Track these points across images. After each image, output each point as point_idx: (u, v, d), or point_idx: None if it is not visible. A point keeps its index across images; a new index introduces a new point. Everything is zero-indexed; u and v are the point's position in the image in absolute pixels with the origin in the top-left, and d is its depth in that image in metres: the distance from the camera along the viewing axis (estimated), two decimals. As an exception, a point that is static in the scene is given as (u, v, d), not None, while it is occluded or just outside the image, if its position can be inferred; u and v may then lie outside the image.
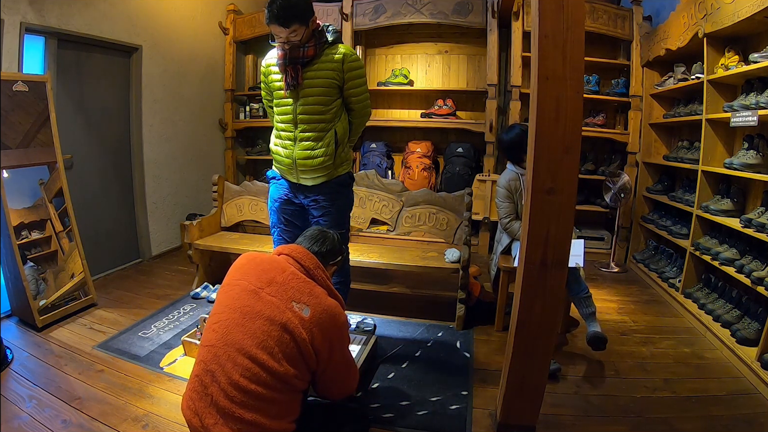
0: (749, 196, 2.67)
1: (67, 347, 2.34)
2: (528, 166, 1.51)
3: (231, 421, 1.28)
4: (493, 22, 4.01)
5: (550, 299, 1.57)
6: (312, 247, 1.59)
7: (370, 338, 2.28)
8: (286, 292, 1.40)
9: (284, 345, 1.33)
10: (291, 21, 1.72)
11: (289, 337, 1.34)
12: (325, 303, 1.43)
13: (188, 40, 4.18)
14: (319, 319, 1.38)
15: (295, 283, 1.43)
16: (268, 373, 1.30)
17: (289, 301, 1.38)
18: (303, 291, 1.42)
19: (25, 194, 2.54)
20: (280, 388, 1.33)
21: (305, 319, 1.37)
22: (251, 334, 1.33)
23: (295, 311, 1.37)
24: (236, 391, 1.28)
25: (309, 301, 1.40)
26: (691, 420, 1.87)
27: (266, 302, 1.38)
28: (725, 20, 2.54)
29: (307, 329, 1.36)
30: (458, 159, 4.33)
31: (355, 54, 1.90)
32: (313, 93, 1.86)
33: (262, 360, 1.30)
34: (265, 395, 1.30)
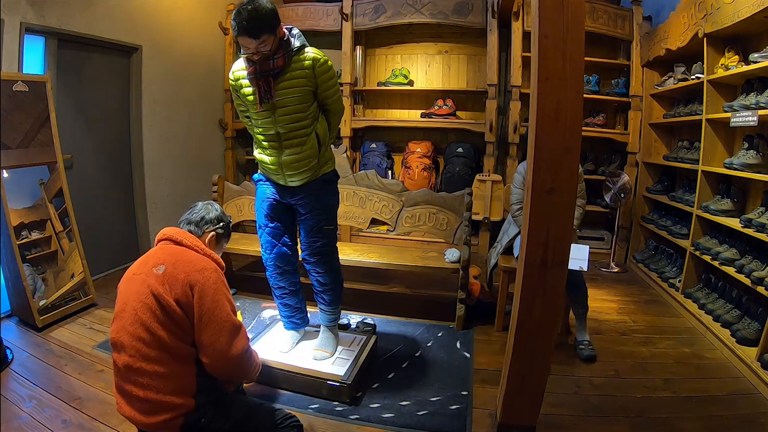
0: (749, 196, 2.67)
1: (67, 347, 2.34)
2: (528, 166, 1.51)
3: (131, 400, 1.32)
4: (493, 22, 4.01)
5: (550, 299, 1.57)
6: (182, 221, 1.60)
7: (370, 338, 2.28)
8: (149, 263, 1.42)
9: (152, 311, 1.33)
10: (260, 32, 1.68)
11: (153, 301, 1.33)
12: (184, 256, 1.43)
13: (188, 40, 4.18)
14: (174, 270, 1.37)
15: (159, 254, 1.45)
16: (148, 346, 1.31)
17: (150, 270, 1.39)
18: (164, 255, 1.43)
19: (25, 194, 2.54)
20: (164, 359, 1.32)
21: (160, 275, 1.36)
22: (129, 316, 1.34)
23: (153, 273, 1.37)
24: (128, 372, 1.32)
25: (165, 260, 1.41)
26: (691, 420, 1.87)
27: (135, 281, 1.40)
28: (725, 20, 2.54)
29: (163, 284, 1.35)
30: (458, 159, 4.33)
31: (323, 56, 1.86)
32: (289, 102, 1.84)
33: (139, 334, 1.32)
34: (150, 370, 1.31)
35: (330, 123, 2.01)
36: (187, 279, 1.36)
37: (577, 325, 2.45)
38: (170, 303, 1.33)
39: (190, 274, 1.37)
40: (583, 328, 2.43)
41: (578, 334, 2.42)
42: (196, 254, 1.46)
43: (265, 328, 2.42)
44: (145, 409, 1.31)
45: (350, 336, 2.34)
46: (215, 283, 1.40)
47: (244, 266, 3.64)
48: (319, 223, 2.03)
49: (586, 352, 2.34)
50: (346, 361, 2.05)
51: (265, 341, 2.25)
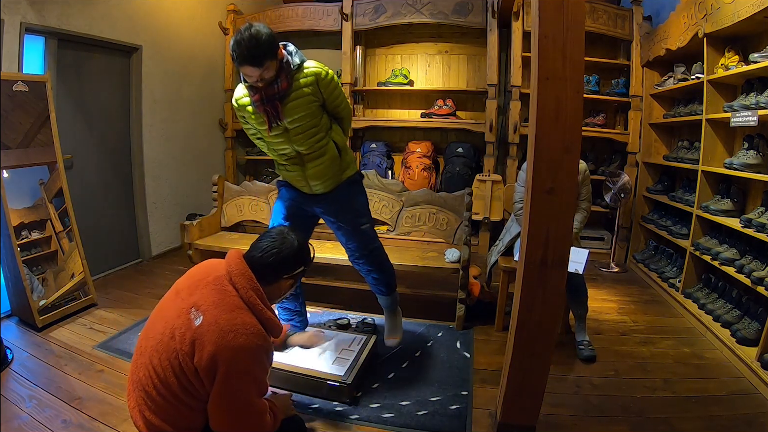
0: (749, 196, 2.67)
1: (67, 347, 2.34)
2: (528, 166, 1.51)
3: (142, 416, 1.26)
4: (493, 22, 4.01)
5: (550, 299, 1.57)
6: (255, 256, 1.32)
7: (370, 338, 2.28)
8: (192, 295, 1.23)
9: (171, 356, 1.19)
10: (263, 59, 1.65)
11: (174, 349, 1.19)
12: (228, 317, 1.19)
13: (188, 40, 4.18)
14: (208, 332, 1.16)
15: (209, 288, 1.24)
16: (160, 381, 1.22)
17: (189, 306, 1.21)
18: (210, 299, 1.22)
19: (25, 194, 2.54)
20: (172, 400, 1.22)
21: (193, 328, 1.18)
22: (153, 343, 1.24)
23: (188, 317, 1.19)
24: (141, 389, 1.25)
25: (208, 310, 1.19)
26: (691, 420, 1.87)
27: (175, 304, 1.24)
28: (725, 20, 2.54)
29: (190, 341, 1.17)
30: (458, 159, 4.33)
31: (323, 68, 1.83)
32: (300, 121, 1.82)
33: (154, 367, 1.22)
34: (160, 402, 1.22)
35: (343, 128, 2.01)
36: (215, 353, 1.17)
37: (577, 325, 2.45)
38: (190, 365, 1.18)
39: (221, 350, 1.17)
40: (582, 328, 2.43)
41: (578, 335, 2.43)
42: (245, 319, 1.22)
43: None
44: (150, 427, 1.26)
45: (350, 336, 2.34)
46: (247, 366, 1.21)
47: (244, 266, 3.64)
48: (355, 224, 2.03)
49: (585, 353, 2.34)
50: (346, 361, 2.05)
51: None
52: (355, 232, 2.02)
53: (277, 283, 1.32)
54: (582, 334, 2.42)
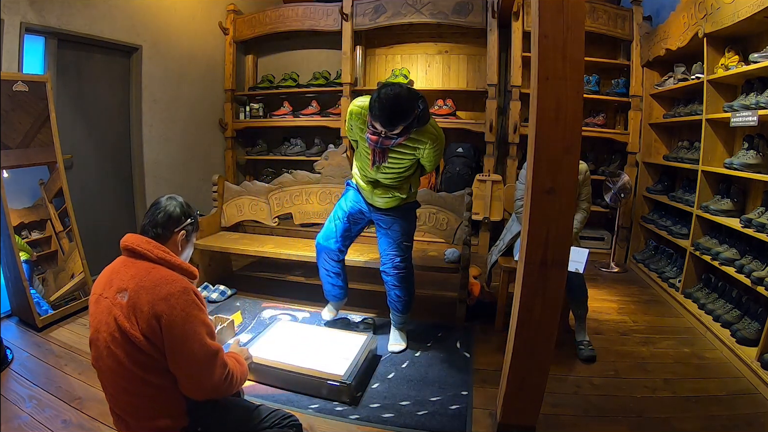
0: (749, 196, 2.67)
1: (67, 347, 2.34)
2: (528, 166, 1.51)
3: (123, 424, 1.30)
4: (493, 22, 4.01)
5: (550, 299, 1.57)
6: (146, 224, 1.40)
7: (370, 338, 2.28)
8: (113, 284, 1.28)
9: (123, 346, 1.22)
10: (396, 124, 1.79)
11: (120, 335, 1.22)
12: (148, 278, 1.26)
13: (188, 40, 4.18)
14: (137, 299, 1.22)
15: (122, 273, 1.29)
16: (127, 381, 1.24)
17: (115, 296, 1.26)
18: (126, 276, 1.27)
19: (25, 194, 2.54)
20: (144, 391, 1.25)
21: (124, 305, 1.23)
22: (103, 347, 1.26)
23: (117, 301, 1.24)
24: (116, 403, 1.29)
25: (128, 283, 1.25)
26: (691, 420, 1.87)
27: (102, 305, 1.28)
28: (725, 20, 2.54)
29: (128, 316, 1.21)
30: (458, 159, 4.33)
31: (440, 135, 2.00)
32: (395, 166, 2.03)
33: (114, 368, 1.24)
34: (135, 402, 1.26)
35: (423, 170, 2.22)
36: (152, 310, 1.22)
37: (577, 325, 2.45)
38: (138, 337, 1.21)
39: (155, 304, 1.22)
40: (582, 328, 2.43)
41: (578, 335, 2.43)
42: (161, 273, 1.29)
43: (265, 328, 2.42)
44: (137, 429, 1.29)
45: (350, 336, 2.34)
46: (183, 309, 1.25)
47: (244, 266, 3.64)
48: (400, 238, 2.23)
49: (585, 353, 2.34)
50: (346, 361, 2.05)
51: (265, 341, 2.24)
52: (397, 244, 2.23)
53: (173, 237, 1.40)
54: (582, 334, 2.42)
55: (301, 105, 4.77)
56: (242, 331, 2.57)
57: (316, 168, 3.07)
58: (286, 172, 3.63)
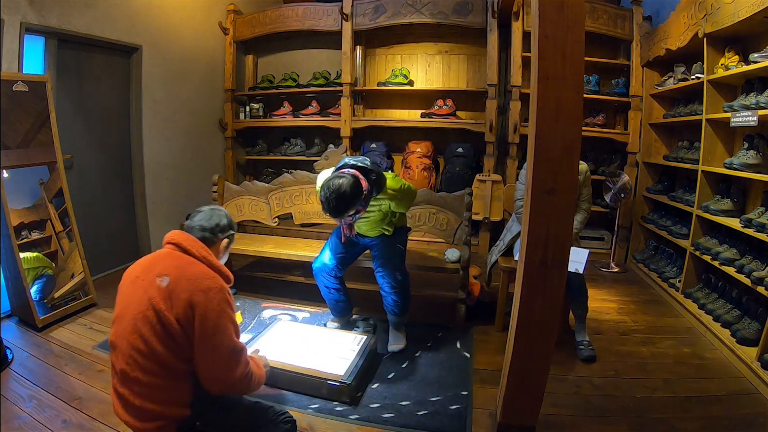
0: (749, 196, 2.67)
1: (67, 347, 2.34)
2: (528, 166, 1.51)
3: (126, 405, 1.32)
4: (493, 22, 4.01)
5: (550, 299, 1.57)
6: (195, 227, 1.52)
7: (370, 338, 2.28)
8: (154, 270, 1.37)
9: (151, 325, 1.29)
10: (345, 212, 1.97)
11: (153, 314, 1.30)
12: (190, 270, 1.36)
13: (188, 40, 4.18)
14: (177, 286, 1.32)
15: (166, 262, 1.39)
16: (144, 357, 1.29)
17: (154, 279, 1.34)
18: (169, 264, 1.38)
19: (25, 194, 2.54)
20: (159, 372, 1.30)
21: (163, 288, 1.32)
22: (128, 323, 1.32)
23: (155, 284, 1.33)
24: (124, 377, 1.31)
25: (171, 272, 1.34)
26: (691, 420, 1.87)
27: (138, 286, 1.36)
28: (725, 20, 2.54)
29: (165, 299, 1.30)
30: (458, 159, 4.33)
31: (398, 192, 2.15)
32: (365, 225, 2.30)
33: (136, 344, 1.29)
34: (145, 381, 1.29)
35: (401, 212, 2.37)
36: (190, 298, 1.31)
37: (577, 325, 2.45)
38: (170, 320, 1.29)
39: (194, 294, 1.32)
40: (582, 328, 2.43)
41: (578, 335, 2.43)
42: (203, 269, 1.40)
43: (265, 328, 2.42)
44: (139, 415, 1.31)
45: (350, 336, 2.34)
46: (219, 304, 1.35)
47: (244, 266, 3.64)
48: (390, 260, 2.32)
49: (585, 353, 2.34)
50: (346, 361, 2.05)
51: (265, 341, 2.24)
52: (388, 264, 2.32)
53: (218, 242, 1.52)
54: (582, 334, 2.42)
55: (301, 105, 4.77)
56: (242, 331, 2.57)
57: (316, 168, 3.08)
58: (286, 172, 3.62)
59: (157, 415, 1.31)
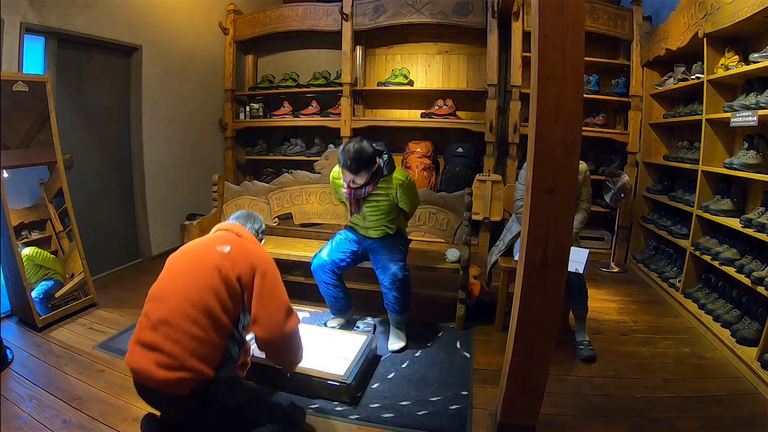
0: (749, 196, 2.66)
1: (67, 347, 2.34)
2: (528, 166, 1.51)
3: (152, 351, 1.40)
4: (493, 22, 4.01)
5: (550, 299, 1.57)
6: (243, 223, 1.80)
7: (370, 338, 2.28)
8: (212, 243, 1.59)
9: (211, 282, 1.46)
10: (359, 171, 2.15)
11: (216, 274, 1.48)
12: (248, 245, 1.61)
13: (188, 40, 4.18)
14: (239, 252, 1.55)
15: (223, 237, 1.63)
16: (194, 308, 1.43)
17: (214, 248, 1.55)
18: (228, 240, 1.60)
19: (25, 194, 2.54)
20: (205, 325, 1.42)
21: (225, 254, 1.53)
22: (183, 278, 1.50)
23: (217, 252, 1.54)
24: (162, 324, 1.42)
25: (231, 243, 1.58)
26: (691, 420, 1.87)
27: (195, 256, 1.57)
28: (725, 20, 2.54)
29: (228, 261, 1.51)
30: (458, 159, 4.33)
31: (405, 180, 2.32)
32: (374, 213, 2.37)
33: (189, 296, 1.44)
34: (188, 330, 1.40)
35: (406, 215, 2.54)
36: (251, 261, 1.53)
37: (577, 325, 2.45)
38: (231, 278, 1.48)
39: (255, 258, 1.55)
40: (582, 328, 2.43)
41: (578, 335, 2.43)
42: (259, 248, 1.66)
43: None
44: (164, 363, 1.37)
45: (350, 336, 2.34)
46: (275, 270, 1.58)
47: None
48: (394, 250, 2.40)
49: (585, 353, 2.34)
50: (346, 361, 2.05)
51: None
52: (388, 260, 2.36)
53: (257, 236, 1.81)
54: (582, 334, 2.42)
55: (301, 105, 4.77)
56: (242, 331, 2.57)
57: (316, 168, 3.07)
58: (286, 172, 3.62)
59: (185, 367, 1.37)
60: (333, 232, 2.53)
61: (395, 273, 2.31)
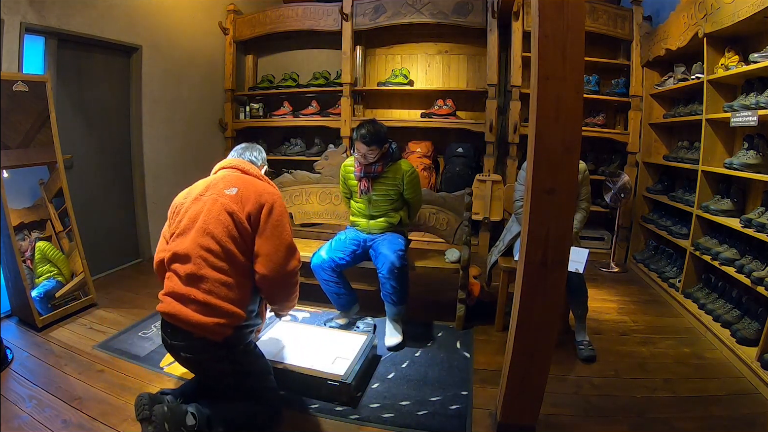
0: (749, 196, 2.67)
1: (67, 347, 2.34)
2: (528, 166, 1.51)
3: (188, 302, 1.50)
4: (493, 22, 4.00)
5: (550, 299, 1.57)
6: (243, 154, 1.86)
7: (370, 338, 2.28)
8: (218, 186, 1.64)
9: (225, 226, 1.54)
10: (371, 143, 2.35)
11: (227, 217, 1.55)
12: (254, 183, 1.66)
13: (188, 40, 4.17)
14: (246, 191, 1.60)
15: (228, 178, 1.67)
16: (216, 257, 1.52)
17: (222, 191, 1.61)
18: (233, 180, 1.66)
19: (25, 194, 2.54)
20: (229, 270, 1.52)
21: (233, 196, 1.59)
22: (199, 230, 1.55)
23: (225, 195, 1.60)
24: (192, 279, 1.51)
25: (237, 184, 1.63)
26: (691, 420, 1.87)
27: (204, 201, 1.61)
28: (725, 20, 2.54)
29: (237, 202, 1.57)
30: (458, 159, 4.33)
31: (411, 169, 2.52)
32: (381, 197, 2.52)
33: (209, 246, 1.52)
34: (215, 278, 1.50)
35: (410, 211, 2.67)
36: (259, 198, 1.58)
37: (577, 325, 2.45)
38: (242, 219, 1.54)
39: (262, 195, 1.60)
40: (582, 328, 2.43)
41: (577, 335, 2.43)
42: (265, 184, 1.68)
43: (265, 327, 2.42)
44: (202, 310, 1.48)
45: (350, 336, 2.34)
46: (281, 206, 1.63)
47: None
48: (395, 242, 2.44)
49: (585, 353, 2.34)
50: (346, 361, 2.05)
51: (265, 341, 2.24)
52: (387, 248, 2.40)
53: (261, 167, 1.87)
54: (582, 334, 2.42)
55: (301, 105, 4.77)
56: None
57: (316, 168, 3.07)
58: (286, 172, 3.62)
59: (221, 311, 1.48)
60: (333, 232, 2.54)
61: (393, 261, 2.32)
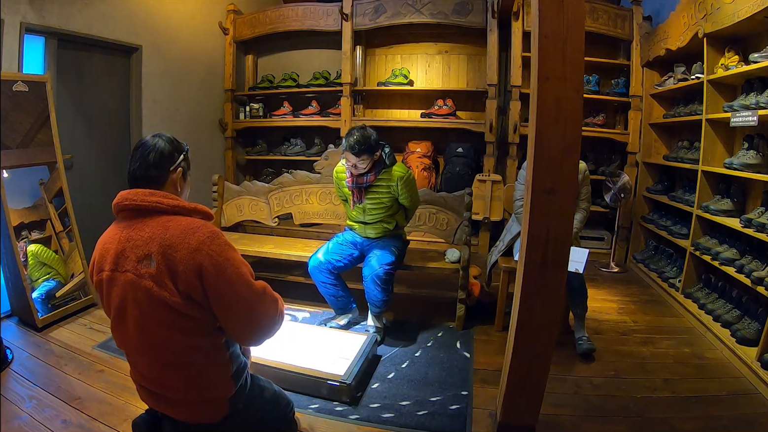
0: (749, 196, 2.67)
1: (67, 347, 2.34)
2: (528, 166, 1.51)
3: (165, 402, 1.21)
4: (493, 22, 4.01)
5: (550, 299, 1.57)
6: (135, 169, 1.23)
7: (370, 338, 2.28)
8: (128, 256, 1.13)
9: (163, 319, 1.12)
10: (361, 153, 2.22)
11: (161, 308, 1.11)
12: (169, 234, 1.11)
13: (188, 40, 4.18)
14: (167, 261, 1.09)
15: (134, 236, 1.14)
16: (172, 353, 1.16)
17: (136, 266, 1.12)
18: (141, 239, 1.12)
19: (25, 194, 2.54)
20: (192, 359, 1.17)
21: (154, 273, 1.09)
22: (134, 328, 1.15)
23: (143, 272, 1.11)
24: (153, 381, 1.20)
25: (149, 248, 1.11)
26: (691, 420, 1.87)
27: (123, 283, 1.14)
28: (725, 20, 2.54)
29: (162, 284, 1.09)
30: (458, 159, 4.33)
31: (406, 174, 2.39)
32: (375, 205, 2.42)
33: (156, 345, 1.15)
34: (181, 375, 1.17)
35: (406, 214, 2.59)
36: (189, 268, 1.09)
37: (576, 324, 2.45)
38: (178, 302, 1.10)
39: (188, 262, 1.09)
40: (581, 326, 2.43)
41: (577, 332, 2.43)
42: (181, 221, 1.14)
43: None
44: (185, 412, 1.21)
45: (350, 336, 2.34)
46: (220, 254, 1.13)
47: (244, 266, 3.64)
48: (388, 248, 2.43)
49: (585, 345, 2.34)
50: (346, 361, 2.05)
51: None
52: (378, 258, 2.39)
53: (169, 178, 1.24)
54: (581, 331, 2.42)
55: (301, 105, 4.77)
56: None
57: (316, 168, 3.07)
58: (286, 172, 3.63)
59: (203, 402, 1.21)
60: (333, 232, 2.54)
61: (378, 275, 2.33)
